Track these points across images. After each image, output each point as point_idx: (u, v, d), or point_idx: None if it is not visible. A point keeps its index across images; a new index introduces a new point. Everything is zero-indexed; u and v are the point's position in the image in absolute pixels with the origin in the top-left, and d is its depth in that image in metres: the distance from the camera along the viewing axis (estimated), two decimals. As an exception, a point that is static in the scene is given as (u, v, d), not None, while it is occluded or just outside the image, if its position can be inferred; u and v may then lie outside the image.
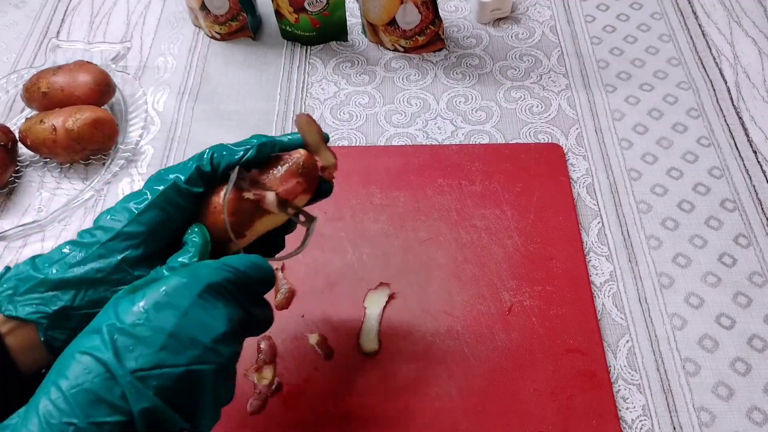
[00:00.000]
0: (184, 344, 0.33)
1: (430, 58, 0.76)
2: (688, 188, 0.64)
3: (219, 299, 0.35)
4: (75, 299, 0.37)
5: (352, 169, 0.65)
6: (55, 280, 0.38)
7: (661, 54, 0.75)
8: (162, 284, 0.34)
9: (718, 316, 0.56)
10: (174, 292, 0.34)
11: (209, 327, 0.34)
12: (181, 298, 0.34)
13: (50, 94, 0.66)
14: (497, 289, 0.57)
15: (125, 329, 0.32)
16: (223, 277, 0.36)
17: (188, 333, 0.33)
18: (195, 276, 0.35)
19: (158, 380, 0.32)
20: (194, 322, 0.34)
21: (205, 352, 0.34)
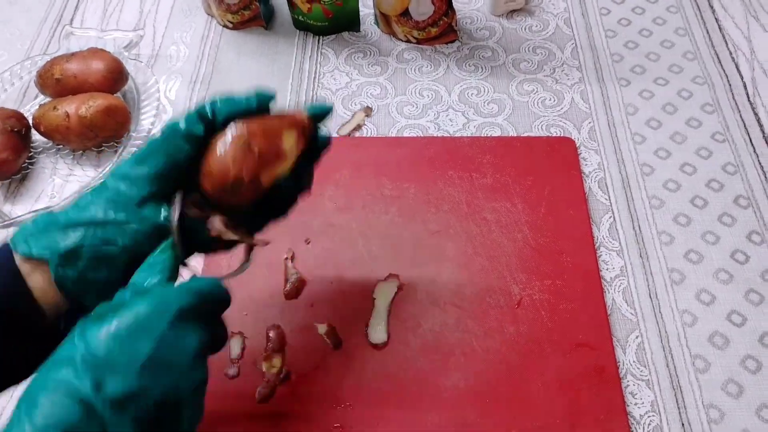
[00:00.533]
0: (161, 370, 0.33)
1: (443, 49, 0.76)
2: (701, 184, 0.63)
3: (188, 322, 0.35)
4: (84, 237, 0.38)
5: (363, 161, 0.65)
6: (66, 221, 0.38)
7: (676, 48, 0.74)
8: (132, 310, 0.34)
9: (730, 313, 0.55)
10: (147, 318, 0.34)
11: (183, 350, 0.34)
12: (154, 324, 0.34)
13: (63, 80, 0.67)
14: (507, 283, 0.57)
15: (99, 358, 0.32)
16: (191, 301, 0.36)
17: (163, 358, 0.33)
18: (165, 301, 0.35)
19: (137, 408, 0.32)
20: (168, 347, 0.34)
21: (181, 375, 0.34)
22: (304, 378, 0.53)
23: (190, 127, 0.40)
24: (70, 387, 0.31)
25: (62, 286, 0.38)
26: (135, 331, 0.33)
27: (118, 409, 0.31)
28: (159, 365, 0.33)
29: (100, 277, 0.38)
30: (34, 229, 0.39)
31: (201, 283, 0.37)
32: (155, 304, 0.35)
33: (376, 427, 0.50)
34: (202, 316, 0.36)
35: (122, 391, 0.32)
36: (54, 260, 0.38)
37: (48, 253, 0.38)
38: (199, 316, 0.36)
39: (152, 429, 0.32)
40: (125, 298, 0.36)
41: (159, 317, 0.34)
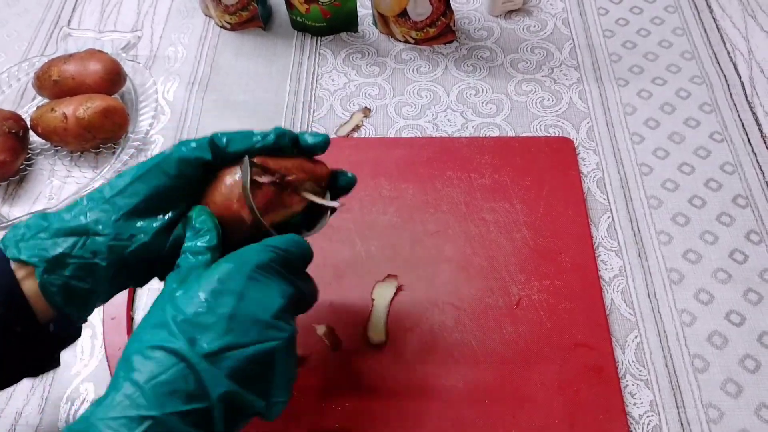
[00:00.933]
0: (247, 324, 0.35)
1: (441, 50, 0.76)
2: (699, 184, 0.63)
3: (270, 277, 0.37)
4: (74, 247, 0.38)
5: (361, 161, 0.65)
6: (57, 228, 0.39)
7: (674, 48, 0.74)
8: (214, 272, 0.36)
9: (728, 312, 0.55)
10: (227, 277, 0.36)
11: (267, 305, 0.36)
12: (235, 282, 0.36)
13: (61, 82, 0.67)
14: (505, 283, 0.57)
15: (189, 319, 0.34)
16: (269, 257, 0.37)
17: (249, 313, 0.35)
18: (243, 259, 0.37)
19: (230, 362, 0.33)
20: (252, 303, 0.35)
21: (267, 329, 0.35)
22: (303, 379, 0.52)
23: (199, 153, 0.41)
24: (168, 346, 0.33)
25: (46, 292, 0.38)
26: (217, 291, 0.35)
27: (212, 362, 0.33)
28: (244, 320, 0.35)
29: (84, 287, 0.39)
30: (25, 232, 0.39)
31: (278, 240, 0.39)
32: (234, 263, 0.36)
33: (376, 428, 0.50)
34: (283, 271, 0.38)
35: (214, 346, 0.33)
36: (41, 266, 0.38)
37: (36, 259, 0.38)
38: (279, 272, 0.38)
39: (247, 382, 0.34)
40: (189, 261, 0.37)
41: (237, 276, 0.36)
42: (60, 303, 0.38)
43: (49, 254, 0.38)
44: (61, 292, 0.38)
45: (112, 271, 0.39)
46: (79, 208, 0.40)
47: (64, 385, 0.54)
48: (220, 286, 0.35)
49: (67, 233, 0.39)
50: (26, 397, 0.53)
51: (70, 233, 0.39)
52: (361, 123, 0.70)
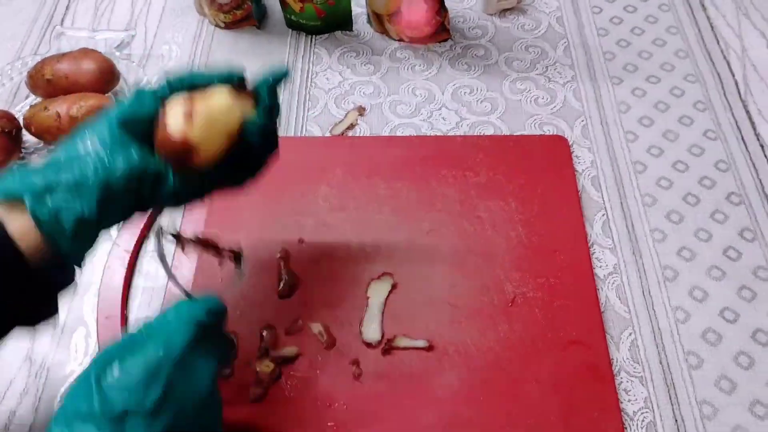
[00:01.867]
0: (179, 408, 0.36)
1: (436, 48, 0.76)
2: (693, 181, 0.63)
3: (197, 354, 0.38)
4: (61, 172, 0.39)
5: (356, 160, 0.65)
6: (41, 166, 0.39)
7: (668, 46, 0.75)
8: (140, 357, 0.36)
9: (722, 309, 0.56)
10: (155, 363, 0.36)
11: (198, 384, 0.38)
12: (163, 368, 0.36)
13: (54, 81, 0.66)
14: (500, 281, 0.57)
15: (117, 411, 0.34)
16: (192, 334, 0.38)
17: (180, 398, 0.36)
18: (169, 342, 0.37)
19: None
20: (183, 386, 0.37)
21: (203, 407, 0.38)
22: (298, 377, 0.52)
23: (157, 91, 0.42)
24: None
25: (38, 221, 0.38)
26: (145, 379, 0.35)
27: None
28: (176, 405, 0.36)
29: (74, 212, 0.38)
30: (9, 175, 0.39)
31: (198, 310, 0.39)
32: (160, 346, 0.37)
33: (370, 426, 0.50)
34: (207, 340, 0.39)
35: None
36: (30, 196, 0.38)
37: (24, 190, 0.38)
38: (204, 343, 0.38)
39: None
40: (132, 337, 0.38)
41: (166, 360, 0.36)
42: (53, 232, 0.38)
43: (37, 184, 0.38)
44: (53, 220, 0.38)
45: (102, 191, 0.39)
46: (61, 146, 0.40)
47: (58, 384, 0.54)
48: (148, 374, 0.36)
49: (53, 166, 0.39)
50: (20, 397, 0.53)
51: (57, 165, 0.39)
52: (356, 122, 0.70)
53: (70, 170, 0.39)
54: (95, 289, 0.58)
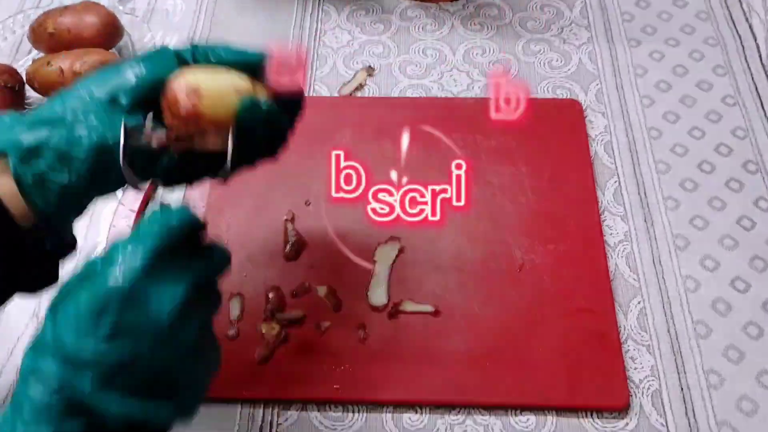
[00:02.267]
0: (136, 338, 0.32)
1: (448, 7, 0.73)
2: (710, 148, 0.62)
3: (157, 276, 0.33)
4: (50, 136, 0.37)
5: (364, 122, 0.64)
6: (31, 120, 0.37)
7: (689, 7, 0.72)
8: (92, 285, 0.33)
9: (733, 279, 0.55)
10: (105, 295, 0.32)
11: (156, 314, 0.32)
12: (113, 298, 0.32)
13: (57, 35, 0.65)
14: (509, 247, 0.56)
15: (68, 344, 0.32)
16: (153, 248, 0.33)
17: (136, 326, 0.32)
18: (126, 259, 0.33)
19: (122, 381, 0.32)
20: (137, 315, 0.32)
21: (159, 341, 0.32)
22: (304, 340, 0.52)
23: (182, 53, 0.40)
24: (48, 376, 0.31)
25: (22, 185, 0.36)
26: (93, 313, 0.32)
27: (101, 389, 0.31)
28: (129, 335, 0.32)
29: (61, 180, 0.37)
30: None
31: (156, 225, 0.34)
32: (108, 275, 0.32)
33: (375, 390, 0.50)
34: (174, 258, 0.34)
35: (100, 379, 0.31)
36: (14, 155, 0.36)
37: (9, 147, 0.36)
38: (170, 263, 0.33)
39: (144, 398, 0.32)
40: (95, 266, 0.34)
41: (114, 291, 0.32)
42: (36, 197, 0.37)
43: (24, 143, 0.36)
44: (39, 185, 0.36)
45: (91, 162, 0.37)
46: (56, 100, 0.38)
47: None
48: (100, 305, 0.32)
49: (43, 122, 0.37)
50: (23, 362, 0.53)
51: (47, 122, 0.37)
52: (365, 82, 0.68)
53: (60, 131, 0.37)
54: (101, 249, 0.58)
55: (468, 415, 0.50)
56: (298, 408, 0.50)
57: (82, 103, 0.38)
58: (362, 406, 0.50)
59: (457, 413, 0.50)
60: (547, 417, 0.49)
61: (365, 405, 0.50)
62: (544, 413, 0.49)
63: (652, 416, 0.49)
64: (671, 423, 0.49)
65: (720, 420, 0.49)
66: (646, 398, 0.50)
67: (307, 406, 0.50)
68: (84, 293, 0.32)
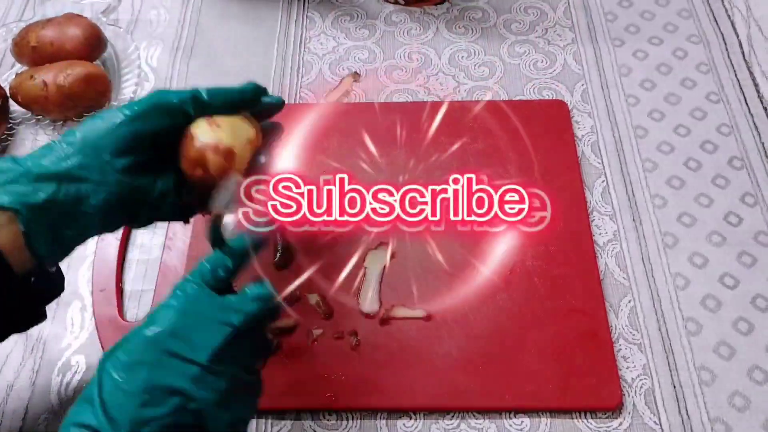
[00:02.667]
0: (163, 395, 0.33)
1: (432, 11, 0.74)
2: (695, 146, 0.62)
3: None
4: (57, 192, 0.37)
5: (352, 127, 0.64)
6: (37, 173, 0.37)
7: (671, 6, 0.72)
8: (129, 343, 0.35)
9: (722, 275, 0.55)
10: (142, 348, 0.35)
11: (183, 369, 0.35)
12: (147, 354, 0.35)
13: (39, 48, 0.64)
14: (499, 249, 0.56)
15: (110, 392, 0.33)
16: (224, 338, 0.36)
17: (162, 383, 0.34)
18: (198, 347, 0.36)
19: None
20: (167, 371, 0.34)
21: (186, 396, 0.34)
22: (296, 348, 0.52)
23: (184, 105, 0.40)
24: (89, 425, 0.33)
25: (30, 241, 0.36)
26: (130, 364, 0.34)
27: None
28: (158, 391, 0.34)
29: (70, 235, 0.38)
30: (3, 178, 0.37)
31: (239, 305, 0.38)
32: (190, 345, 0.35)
33: (369, 397, 0.50)
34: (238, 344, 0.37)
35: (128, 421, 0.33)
36: (24, 213, 0.36)
37: (18, 204, 0.36)
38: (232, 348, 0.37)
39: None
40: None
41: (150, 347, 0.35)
42: (44, 251, 0.37)
43: (32, 200, 0.36)
44: (47, 240, 0.37)
45: (99, 216, 0.38)
46: (57, 152, 0.38)
47: (55, 357, 0.53)
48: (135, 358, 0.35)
49: (47, 178, 0.37)
50: (17, 370, 0.53)
51: (51, 178, 0.37)
52: (351, 88, 0.68)
53: (68, 191, 0.37)
54: (89, 262, 0.57)
55: (462, 420, 0.50)
56: (292, 417, 0.50)
57: (88, 156, 0.38)
58: (356, 414, 0.50)
59: (451, 418, 0.50)
60: (541, 419, 0.49)
61: (359, 412, 0.50)
62: (537, 415, 0.49)
63: (646, 415, 0.49)
64: (665, 421, 0.49)
65: (713, 417, 0.49)
66: (639, 397, 0.50)
67: (301, 415, 0.50)
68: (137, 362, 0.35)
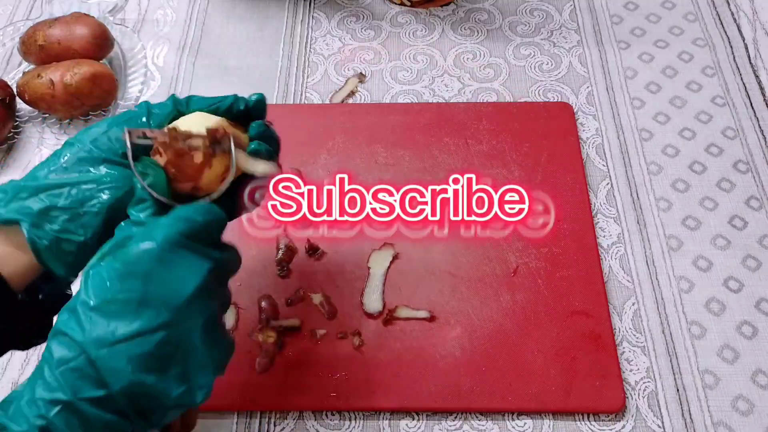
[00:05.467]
0: (156, 309, 0.33)
1: (438, 12, 0.74)
2: (700, 149, 0.62)
3: (181, 254, 0.34)
4: (59, 198, 0.38)
5: (356, 128, 0.64)
6: (38, 185, 0.38)
7: (677, 9, 0.72)
8: (122, 254, 0.34)
9: (726, 279, 0.55)
10: (135, 259, 0.34)
11: (177, 288, 0.34)
12: (141, 264, 0.34)
13: (47, 47, 0.65)
14: (503, 250, 0.56)
15: (96, 307, 0.32)
16: (178, 230, 0.35)
17: (157, 297, 0.33)
18: (150, 237, 0.34)
19: (137, 350, 0.32)
20: (160, 286, 0.33)
21: (179, 312, 0.33)
22: (300, 348, 0.52)
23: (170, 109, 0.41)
24: (72, 336, 0.32)
25: (36, 248, 0.37)
26: (123, 274, 0.33)
27: (112, 353, 0.32)
28: (152, 305, 0.33)
29: (76, 239, 0.38)
30: (2, 196, 0.38)
31: (187, 210, 0.36)
32: (142, 240, 0.34)
33: (372, 397, 0.50)
34: (195, 245, 0.35)
35: (119, 335, 0.32)
36: (27, 221, 0.37)
37: (20, 215, 0.37)
38: (191, 246, 0.35)
39: (157, 369, 0.32)
40: (127, 230, 0.36)
41: (144, 257, 0.34)
42: (50, 259, 0.37)
43: (34, 209, 0.37)
44: (52, 247, 0.37)
45: (103, 218, 0.38)
46: (56, 163, 0.39)
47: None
48: (127, 268, 0.33)
49: (49, 188, 0.38)
50: (21, 367, 0.53)
51: (53, 188, 0.38)
52: (356, 89, 0.68)
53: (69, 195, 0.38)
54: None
55: (465, 421, 0.50)
56: (295, 417, 0.50)
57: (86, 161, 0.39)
58: (359, 414, 0.50)
59: (454, 419, 0.50)
60: (544, 421, 0.49)
61: (362, 412, 0.50)
62: (540, 417, 0.49)
63: (649, 418, 0.49)
64: (668, 424, 0.49)
65: (716, 420, 0.49)
66: (643, 400, 0.50)
67: (304, 415, 0.50)
68: (117, 256, 0.34)
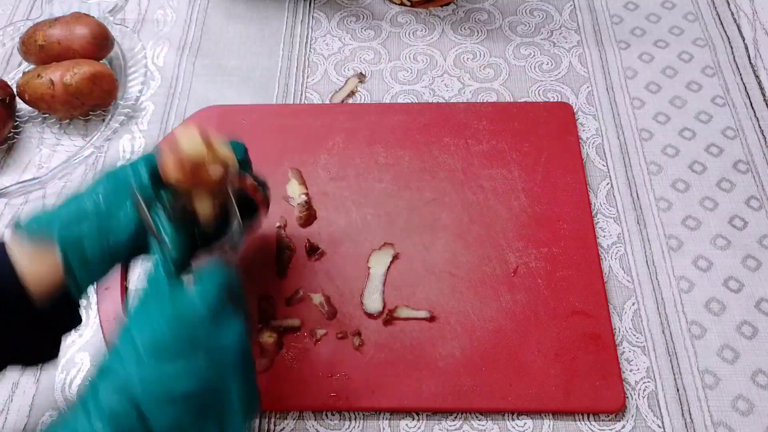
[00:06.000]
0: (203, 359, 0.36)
1: (438, 13, 0.74)
2: (700, 149, 0.62)
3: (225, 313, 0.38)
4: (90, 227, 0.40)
5: (356, 128, 0.64)
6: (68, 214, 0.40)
7: (677, 9, 0.72)
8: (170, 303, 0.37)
9: (727, 279, 0.55)
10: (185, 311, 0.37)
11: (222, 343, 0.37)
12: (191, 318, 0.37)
13: (47, 47, 0.65)
14: (503, 250, 0.56)
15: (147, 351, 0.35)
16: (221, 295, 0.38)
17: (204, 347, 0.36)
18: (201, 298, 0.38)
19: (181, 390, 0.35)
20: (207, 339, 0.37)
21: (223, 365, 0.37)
22: (300, 348, 0.52)
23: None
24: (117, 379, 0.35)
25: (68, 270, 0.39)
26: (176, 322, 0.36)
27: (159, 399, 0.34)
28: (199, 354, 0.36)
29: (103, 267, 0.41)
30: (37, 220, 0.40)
31: (223, 275, 0.39)
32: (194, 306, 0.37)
33: (372, 397, 0.50)
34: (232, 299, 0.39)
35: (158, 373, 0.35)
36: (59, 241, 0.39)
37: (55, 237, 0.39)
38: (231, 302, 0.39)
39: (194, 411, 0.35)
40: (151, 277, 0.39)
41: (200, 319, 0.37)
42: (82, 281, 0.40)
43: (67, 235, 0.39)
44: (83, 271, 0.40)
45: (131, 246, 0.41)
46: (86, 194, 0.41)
47: (59, 355, 0.53)
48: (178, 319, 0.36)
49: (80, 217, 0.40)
50: (20, 369, 0.53)
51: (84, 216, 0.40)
52: (356, 89, 0.68)
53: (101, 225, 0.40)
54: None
55: (465, 421, 0.50)
56: (295, 417, 0.50)
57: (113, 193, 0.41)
58: (359, 414, 0.50)
59: (454, 419, 0.50)
60: (544, 421, 0.49)
61: (362, 412, 0.50)
62: (540, 417, 0.49)
63: (649, 418, 0.49)
64: (668, 424, 0.49)
65: (716, 420, 0.49)
66: (642, 400, 0.50)
67: (304, 415, 0.50)
68: (163, 314, 0.36)
